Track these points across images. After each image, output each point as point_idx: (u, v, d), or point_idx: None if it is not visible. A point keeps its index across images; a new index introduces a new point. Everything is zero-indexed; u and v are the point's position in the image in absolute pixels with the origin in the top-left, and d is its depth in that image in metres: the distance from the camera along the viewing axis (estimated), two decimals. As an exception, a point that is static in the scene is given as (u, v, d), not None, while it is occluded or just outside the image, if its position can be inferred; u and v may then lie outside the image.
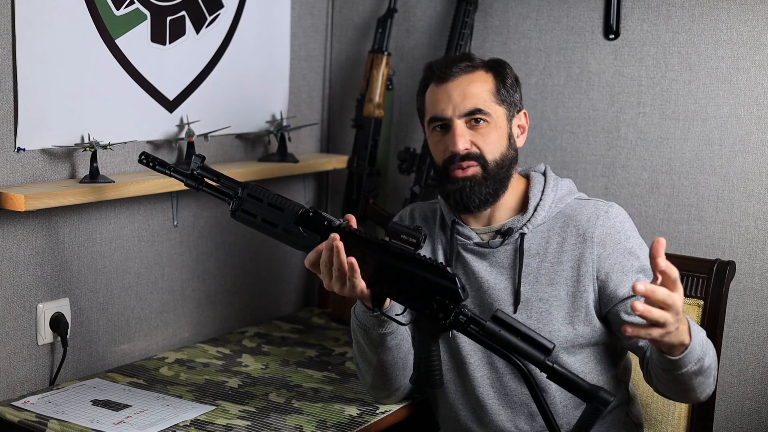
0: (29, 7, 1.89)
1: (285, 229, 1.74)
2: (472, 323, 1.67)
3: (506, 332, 1.64)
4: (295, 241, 1.74)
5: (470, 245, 1.88)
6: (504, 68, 1.90)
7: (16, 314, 1.98)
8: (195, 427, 1.82)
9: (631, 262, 1.80)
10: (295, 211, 1.73)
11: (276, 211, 1.74)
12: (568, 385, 1.63)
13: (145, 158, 1.85)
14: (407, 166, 2.45)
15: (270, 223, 1.74)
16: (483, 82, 1.85)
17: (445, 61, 1.89)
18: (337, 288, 1.70)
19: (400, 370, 1.86)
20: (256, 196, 1.75)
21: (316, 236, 1.72)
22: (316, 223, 1.72)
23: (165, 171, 1.83)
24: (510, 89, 1.88)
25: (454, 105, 1.83)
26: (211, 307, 2.44)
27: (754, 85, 2.17)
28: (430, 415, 2.04)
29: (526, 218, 1.86)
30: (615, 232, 1.82)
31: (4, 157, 1.91)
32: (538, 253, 1.84)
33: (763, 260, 2.18)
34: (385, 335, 1.80)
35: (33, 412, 1.84)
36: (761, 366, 2.20)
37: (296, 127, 2.55)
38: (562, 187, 1.90)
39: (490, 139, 1.83)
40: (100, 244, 2.14)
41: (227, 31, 2.36)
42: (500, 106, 1.86)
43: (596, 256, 1.81)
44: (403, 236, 1.66)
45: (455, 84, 1.84)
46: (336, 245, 1.66)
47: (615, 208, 1.85)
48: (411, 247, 1.66)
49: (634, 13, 2.29)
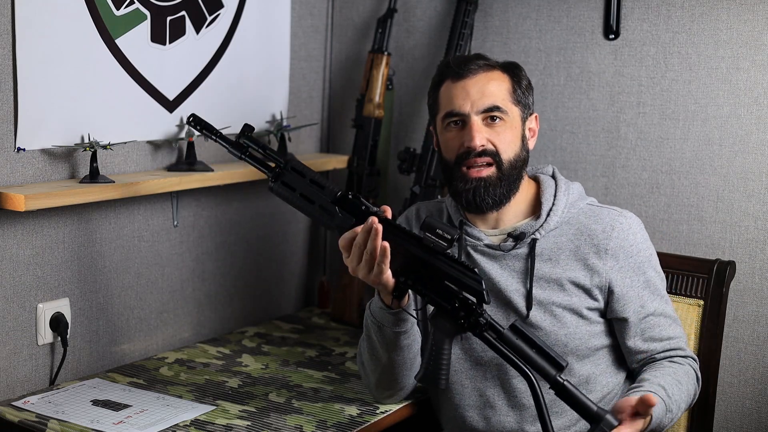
0: (29, 7, 1.89)
1: (322, 207, 1.75)
2: (490, 329, 1.69)
3: (522, 343, 1.66)
4: (330, 220, 1.75)
5: (480, 246, 1.88)
6: (519, 71, 1.91)
7: (16, 314, 1.98)
8: (195, 427, 1.82)
9: (639, 277, 1.85)
10: (334, 191, 1.75)
11: (316, 188, 1.75)
12: (575, 404, 1.64)
13: (194, 120, 1.85)
14: (407, 166, 2.45)
15: (307, 198, 1.76)
16: (500, 81, 1.86)
17: (463, 59, 1.90)
18: (363, 273, 1.70)
19: (407, 371, 1.86)
20: (299, 170, 1.77)
21: (351, 218, 1.73)
22: (354, 206, 1.73)
23: (211, 135, 1.84)
24: (525, 91, 1.89)
25: (472, 101, 1.83)
26: (211, 307, 2.44)
27: (754, 85, 2.17)
28: (430, 415, 2.04)
29: (539, 223, 1.86)
30: (628, 245, 1.84)
31: (4, 157, 1.91)
32: (550, 258, 1.85)
33: (763, 260, 2.18)
34: (399, 334, 1.80)
35: (33, 412, 1.84)
36: (761, 366, 2.20)
37: (296, 127, 2.55)
38: (574, 191, 1.90)
39: (506, 137, 1.84)
40: (100, 244, 2.14)
41: (227, 31, 2.36)
42: (516, 107, 1.87)
43: (609, 267, 1.83)
44: (438, 231, 1.68)
45: (474, 81, 1.84)
46: (375, 227, 1.67)
47: (629, 219, 1.87)
48: (444, 243, 1.67)
49: (634, 13, 2.29)
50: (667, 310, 1.87)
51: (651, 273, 1.86)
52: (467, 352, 1.89)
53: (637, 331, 1.84)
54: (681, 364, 1.83)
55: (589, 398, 1.65)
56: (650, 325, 1.84)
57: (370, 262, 1.69)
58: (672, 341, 1.85)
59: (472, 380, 1.89)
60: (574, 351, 1.83)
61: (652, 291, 1.86)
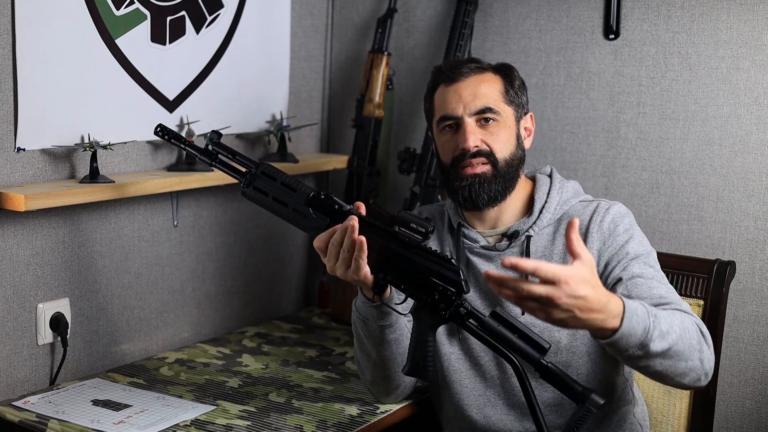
0: (29, 7, 1.89)
1: (295, 209, 1.75)
2: (471, 317, 1.70)
3: (504, 328, 1.65)
4: (303, 222, 1.76)
5: (477, 248, 1.89)
6: (511, 71, 1.92)
7: (16, 314, 1.98)
8: (195, 427, 1.82)
9: (627, 248, 1.80)
10: (306, 192, 1.75)
11: (288, 191, 1.76)
12: (560, 385, 1.65)
13: (161, 130, 1.86)
14: (407, 166, 2.45)
15: (280, 202, 1.76)
16: (492, 83, 1.88)
17: (454, 63, 1.92)
18: (341, 271, 1.71)
19: (398, 366, 1.86)
20: (269, 174, 1.77)
21: (325, 219, 1.74)
22: (327, 206, 1.74)
23: (179, 144, 1.85)
24: (518, 91, 1.91)
25: (464, 104, 1.85)
26: (211, 307, 2.44)
27: (754, 85, 2.17)
28: (430, 415, 2.04)
29: (531, 220, 1.86)
30: (614, 226, 1.83)
31: (4, 157, 1.91)
32: (544, 255, 1.85)
33: (763, 260, 2.18)
34: (384, 327, 1.80)
35: (33, 412, 1.84)
36: (761, 366, 2.20)
37: (296, 127, 2.55)
38: (568, 189, 1.90)
39: (500, 137, 1.85)
40: (100, 244, 2.14)
41: (227, 31, 2.36)
42: (509, 107, 1.88)
43: (596, 251, 1.81)
44: (412, 225, 1.69)
45: (465, 84, 1.86)
46: (352, 224, 1.67)
47: (617, 206, 1.86)
48: (419, 237, 1.68)
49: (634, 13, 2.29)
50: (660, 279, 1.77)
51: (639, 248, 1.79)
52: (466, 352, 1.89)
53: (623, 289, 1.75)
54: (679, 312, 1.69)
55: (574, 379, 1.65)
56: (636, 284, 1.75)
57: (347, 260, 1.69)
58: (664, 299, 1.72)
59: (472, 379, 1.89)
60: (569, 347, 1.82)
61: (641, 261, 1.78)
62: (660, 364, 1.61)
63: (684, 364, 1.64)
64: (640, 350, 1.57)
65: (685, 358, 1.64)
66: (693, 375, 1.66)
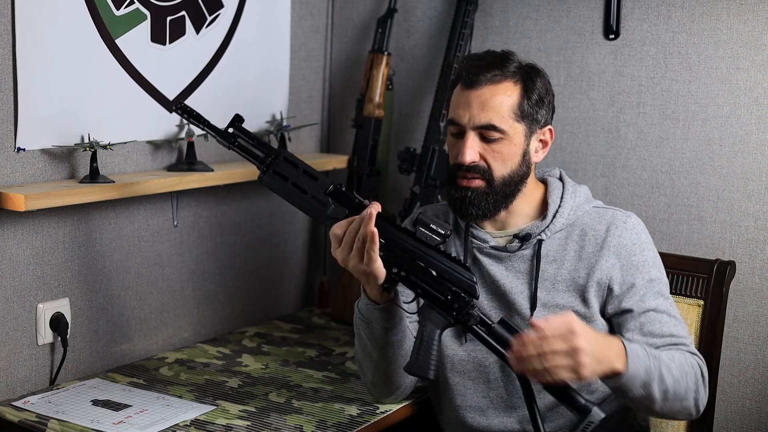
0: (29, 7, 1.89)
1: (314, 197, 1.76)
2: (480, 323, 1.71)
3: (511, 336, 1.67)
4: (321, 211, 1.76)
5: (486, 248, 1.88)
6: (534, 81, 1.84)
7: (16, 314, 1.98)
8: (195, 427, 1.82)
9: (641, 275, 1.82)
10: (327, 183, 1.76)
11: (309, 179, 1.76)
12: (562, 397, 1.65)
13: (181, 108, 1.86)
14: (407, 166, 2.45)
15: (300, 188, 1.76)
16: (507, 95, 1.81)
17: (477, 65, 1.83)
18: (353, 263, 1.70)
19: (400, 368, 1.86)
20: (292, 161, 1.78)
21: (344, 209, 1.74)
22: (347, 198, 1.75)
23: (199, 124, 1.85)
24: (535, 105, 1.83)
25: (471, 115, 1.80)
26: (211, 307, 2.44)
27: (754, 85, 2.17)
28: (430, 415, 2.04)
29: (545, 224, 1.86)
30: (630, 244, 1.83)
31: (4, 157, 1.91)
32: (555, 259, 1.85)
33: (763, 260, 2.18)
34: (388, 329, 1.80)
35: (33, 412, 1.84)
36: (761, 366, 2.20)
37: (296, 127, 2.55)
38: (581, 193, 1.90)
39: (501, 155, 1.81)
40: (100, 244, 2.14)
41: (227, 31, 2.36)
42: (519, 123, 1.82)
43: (610, 265, 1.82)
44: (432, 226, 1.71)
45: (478, 93, 1.80)
46: (370, 212, 1.68)
47: (633, 219, 1.86)
48: (438, 238, 1.70)
49: (634, 13, 2.29)
50: (671, 311, 1.82)
51: (654, 272, 1.82)
52: (470, 354, 1.89)
53: (636, 324, 1.79)
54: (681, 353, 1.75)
55: (577, 391, 1.65)
56: (650, 319, 1.79)
57: (361, 250, 1.69)
58: (674, 338, 1.78)
59: (476, 381, 1.89)
60: None
61: (654, 290, 1.81)
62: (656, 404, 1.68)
63: (679, 404, 1.71)
64: (643, 390, 1.64)
65: (681, 399, 1.71)
66: (685, 413, 1.75)
